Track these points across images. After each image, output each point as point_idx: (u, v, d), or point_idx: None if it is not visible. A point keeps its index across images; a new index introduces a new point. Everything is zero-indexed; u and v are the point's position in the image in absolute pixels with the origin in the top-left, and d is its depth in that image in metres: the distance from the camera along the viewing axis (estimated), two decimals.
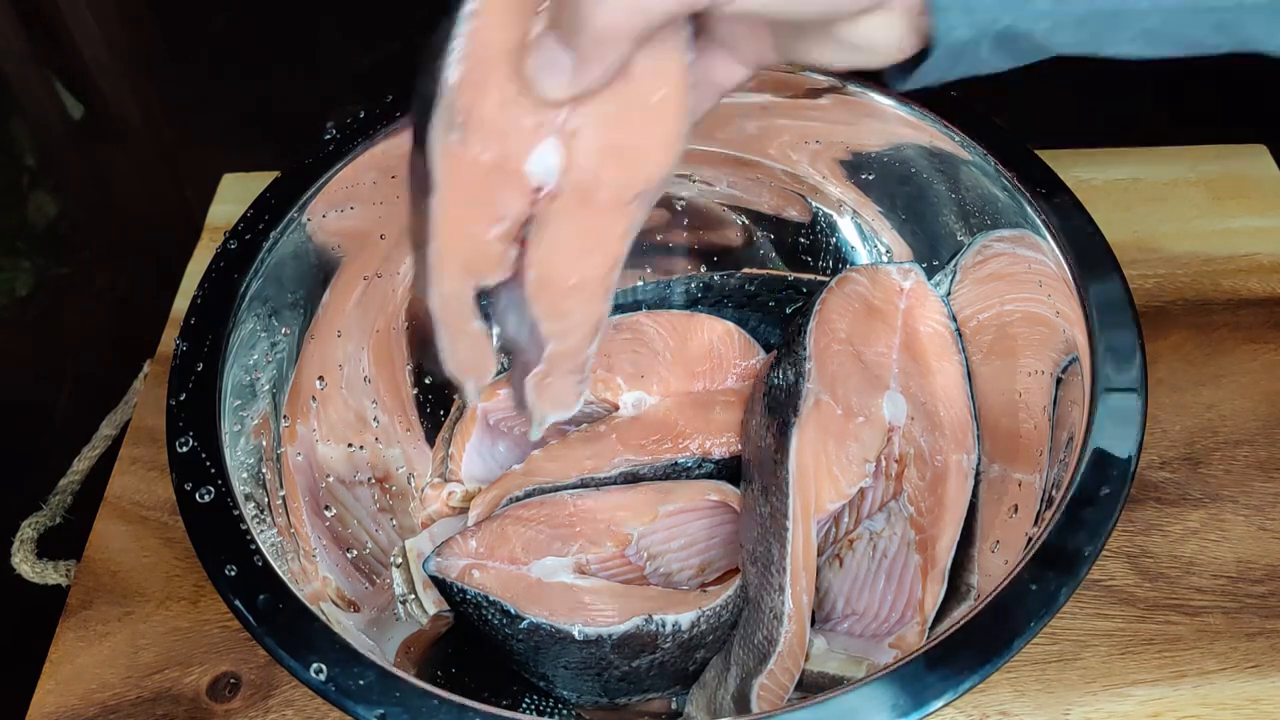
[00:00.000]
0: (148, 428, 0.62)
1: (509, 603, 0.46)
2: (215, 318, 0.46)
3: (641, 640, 0.45)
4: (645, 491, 0.51)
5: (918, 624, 0.47)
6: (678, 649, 0.46)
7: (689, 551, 0.51)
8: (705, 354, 0.57)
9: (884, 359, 0.52)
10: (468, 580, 0.47)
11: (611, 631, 0.45)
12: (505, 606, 0.46)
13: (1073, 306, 0.45)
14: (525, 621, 0.45)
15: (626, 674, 0.47)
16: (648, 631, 0.45)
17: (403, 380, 0.58)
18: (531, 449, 0.54)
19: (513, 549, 0.49)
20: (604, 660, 0.46)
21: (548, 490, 0.52)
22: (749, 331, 0.59)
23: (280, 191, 0.51)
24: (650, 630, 0.45)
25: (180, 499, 0.41)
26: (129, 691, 0.52)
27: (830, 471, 0.47)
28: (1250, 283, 0.65)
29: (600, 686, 0.48)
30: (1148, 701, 0.49)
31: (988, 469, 0.50)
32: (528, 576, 0.48)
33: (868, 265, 0.55)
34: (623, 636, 0.45)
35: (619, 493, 0.51)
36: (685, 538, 0.51)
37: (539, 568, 0.48)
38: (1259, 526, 0.55)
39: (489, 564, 0.48)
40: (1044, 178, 0.49)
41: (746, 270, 0.64)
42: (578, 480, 0.53)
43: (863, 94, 0.54)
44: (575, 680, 0.48)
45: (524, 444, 0.56)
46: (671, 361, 0.57)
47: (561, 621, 0.45)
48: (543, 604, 0.46)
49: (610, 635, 0.45)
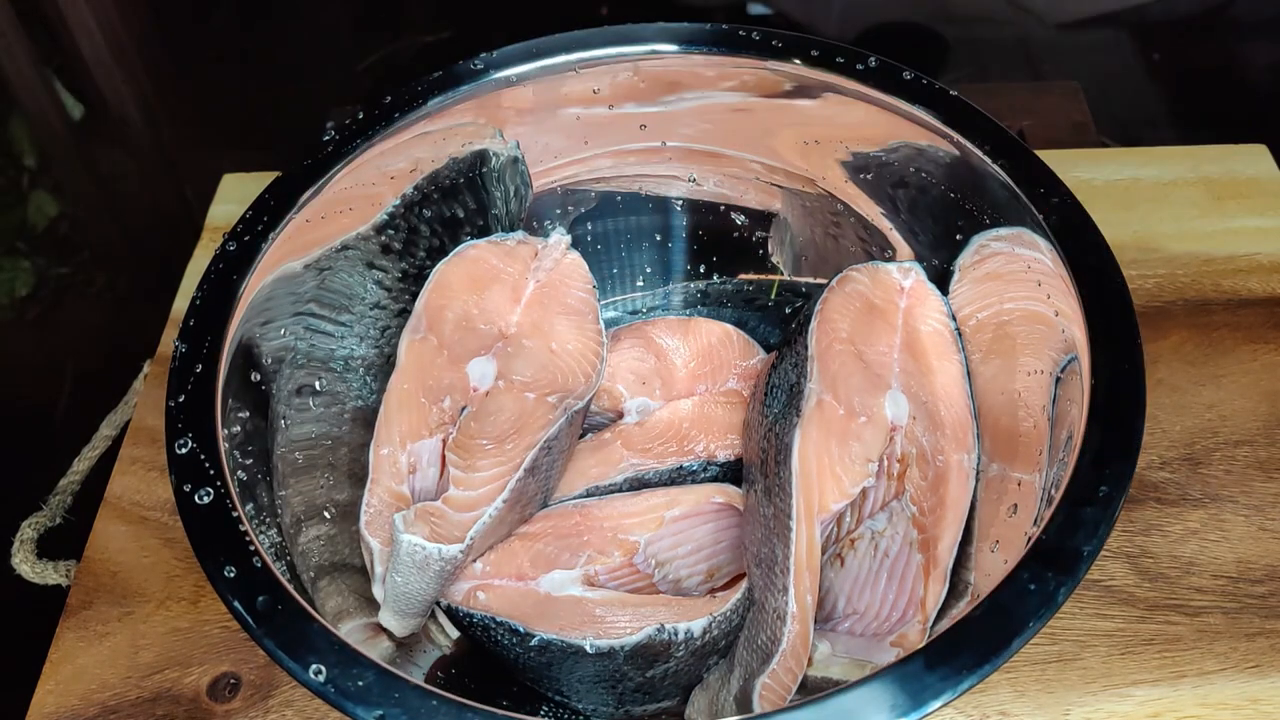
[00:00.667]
0: (148, 428, 0.62)
1: (517, 621, 0.46)
2: (214, 319, 0.46)
3: (654, 650, 0.45)
4: (650, 498, 0.51)
5: (919, 623, 0.47)
6: (691, 656, 0.46)
7: (697, 557, 0.51)
8: (706, 357, 0.57)
9: (885, 358, 0.52)
10: (473, 604, 0.47)
11: (624, 643, 0.45)
12: (514, 625, 0.46)
13: (1072, 306, 0.45)
14: (535, 639, 0.45)
15: (641, 685, 0.47)
16: (660, 641, 0.45)
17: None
18: None
19: (520, 564, 0.49)
20: (618, 672, 0.46)
21: (554, 501, 0.52)
22: (748, 333, 0.59)
23: (280, 192, 0.51)
24: (663, 639, 0.45)
25: (179, 500, 0.41)
26: (129, 692, 0.52)
27: (833, 471, 0.47)
28: (1250, 283, 0.65)
29: (615, 699, 0.48)
30: (1148, 702, 0.49)
31: (987, 468, 0.50)
32: (536, 592, 0.48)
33: (868, 264, 0.55)
34: (635, 647, 0.45)
35: (624, 500, 0.51)
36: (692, 543, 0.51)
37: (547, 582, 0.48)
38: (1259, 526, 0.55)
39: (495, 583, 0.48)
40: (1044, 178, 0.49)
41: (743, 275, 0.64)
42: (584, 490, 0.53)
43: (862, 93, 0.54)
44: (590, 693, 0.48)
45: None
46: (673, 366, 0.57)
47: (573, 636, 0.45)
48: (552, 620, 0.46)
49: (623, 647, 0.45)
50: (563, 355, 0.53)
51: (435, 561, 0.45)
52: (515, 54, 0.56)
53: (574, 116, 0.59)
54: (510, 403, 0.50)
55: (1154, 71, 0.96)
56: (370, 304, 0.55)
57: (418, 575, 0.46)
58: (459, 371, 0.52)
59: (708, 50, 0.56)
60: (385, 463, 0.50)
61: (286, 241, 0.50)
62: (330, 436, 0.52)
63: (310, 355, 0.52)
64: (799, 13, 1.07)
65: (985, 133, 0.50)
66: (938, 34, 1.04)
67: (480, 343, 0.53)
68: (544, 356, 0.53)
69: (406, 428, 0.50)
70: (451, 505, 0.47)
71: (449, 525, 0.46)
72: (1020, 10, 1.04)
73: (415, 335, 0.53)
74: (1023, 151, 0.50)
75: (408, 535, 0.45)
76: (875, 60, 0.53)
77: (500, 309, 0.54)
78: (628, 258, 0.65)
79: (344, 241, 0.53)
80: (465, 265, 0.55)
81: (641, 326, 0.59)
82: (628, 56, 0.56)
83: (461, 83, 0.55)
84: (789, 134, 0.58)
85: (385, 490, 0.49)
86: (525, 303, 0.55)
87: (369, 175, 0.53)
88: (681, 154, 0.61)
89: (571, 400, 0.51)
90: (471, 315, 0.54)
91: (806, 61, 0.54)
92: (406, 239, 0.56)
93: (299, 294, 0.51)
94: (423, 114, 0.54)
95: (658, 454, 0.54)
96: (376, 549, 0.48)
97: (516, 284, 0.55)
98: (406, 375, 0.52)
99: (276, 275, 0.50)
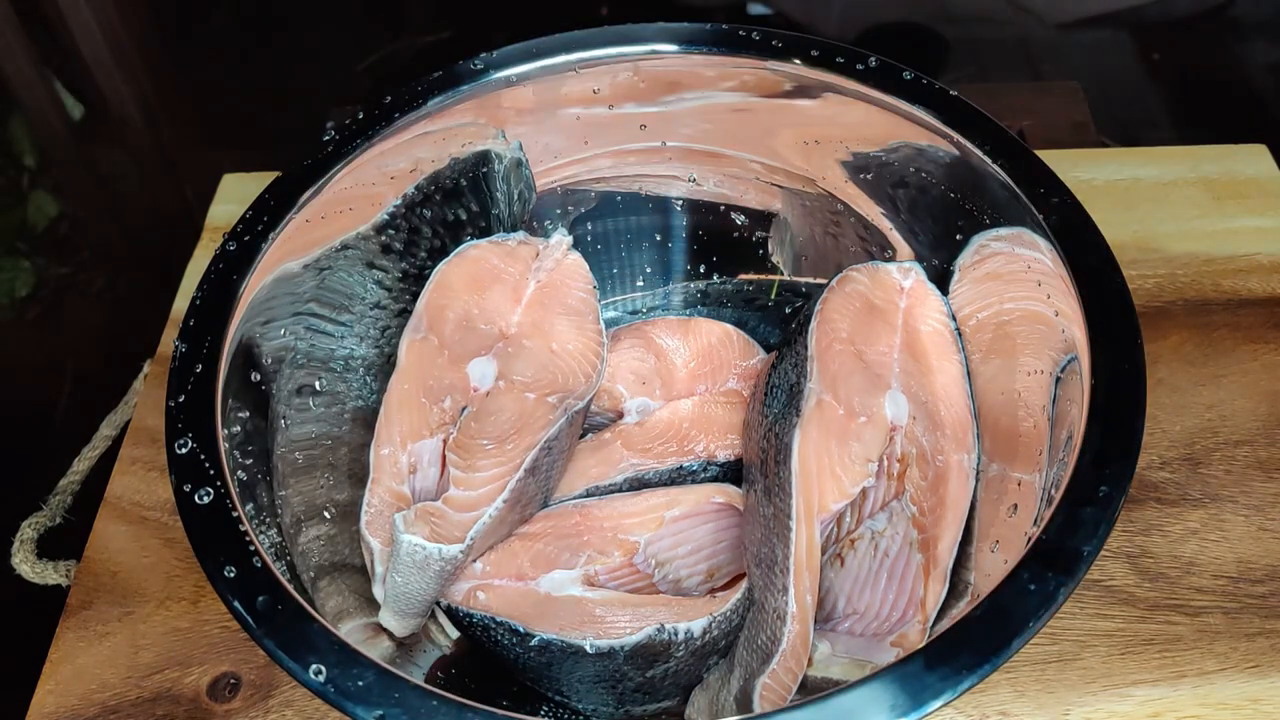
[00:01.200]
0: (148, 428, 0.62)
1: (517, 621, 0.46)
2: (214, 319, 0.46)
3: (654, 650, 0.45)
4: (650, 498, 0.51)
5: (919, 622, 0.47)
6: (691, 656, 0.46)
7: (697, 557, 0.51)
8: (706, 356, 0.57)
9: (885, 358, 0.52)
10: (473, 604, 0.47)
11: (624, 643, 0.45)
12: (514, 625, 0.45)
13: (1072, 306, 0.45)
14: (535, 639, 0.45)
15: (641, 685, 0.47)
16: (660, 641, 0.45)
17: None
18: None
19: (520, 564, 0.49)
20: (618, 672, 0.46)
21: (554, 501, 0.52)
22: (748, 333, 0.59)
23: (280, 192, 0.51)
24: (663, 639, 0.45)
25: (179, 500, 0.41)
26: (129, 692, 0.52)
27: (833, 471, 0.47)
28: (1250, 283, 0.65)
29: (615, 698, 0.48)
30: (1148, 702, 0.49)
31: (987, 468, 0.50)
32: (536, 592, 0.48)
33: (867, 264, 0.55)
34: (635, 647, 0.45)
35: (624, 500, 0.51)
36: (692, 543, 0.51)
37: (547, 582, 0.48)
38: (1259, 526, 0.55)
39: (494, 583, 0.48)
40: (1044, 178, 0.49)
41: (743, 275, 0.64)
42: (584, 490, 0.53)
43: (862, 93, 0.54)
44: (590, 693, 0.48)
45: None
46: (673, 366, 0.57)
47: (573, 636, 0.45)
48: (552, 620, 0.46)
49: (623, 647, 0.45)
50: (563, 355, 0.53)
51: (435, 561, 0.45)
52: (515, 54, 0.56)
53: (574, 116, 0.59)
54: (510, 403, 0.50)
55: (1154, 71, 0.96)
56: (370, 304, 0.55)
57: (418, 575, 0.46)
58: (459, 371, 0.52)
59: (708, 50, 0.56)
60: (386, 463, 0.50)
61: (286, 241, 0.50)
62: (330, 436, 0.52)
63: (310, 355, 0.52)
64: (799, 13, 1.07)
65: (985, 133, 0.50)
66: (938, 34, 1.04)
67: (481, 343, 0.53)
68: (544, 357, 0.53)
69: (407, 428, 0.50)
70: (452, 505, 0.47)
71: (449, 525, 0.46)
72: (1020, 10, 1.04)
73: (416, 335, 0.53)
74: (1023, 151, 0.50)
75: (408, 535, 0.45)
76: (875, 60, 0.53)
77: (501, 309, 0.54)
78: (628, 258, 0.65)
79: (344, 241, 0.53)
80: (466, 265, 0.55)
81: (641, 326, 0.59)
82: (628, 56, 0.56)
83: (461, 83, 0.55)
84: (789, 134, 0.58)
85: (386, 490, 0.49)
86: (526, 303, 0.55)
87: (369, 175, 0.53)
88: (681, 154, 0.61)
89: (572, 400, 0.51)
90: (472, 315, 0.54)
91: (806, 61, 0.54)
92: (407, 239, 0.56)
93: (299, 294, 0.51)
94: (423, 114, 0.54)
95: (658, 454, 0.54)
96: (377, 549, 0.48)
97: (517, 284, 0.55)
98: (407, 375, 0.52)
99: (276, 275, 0.50)
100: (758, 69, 0.55)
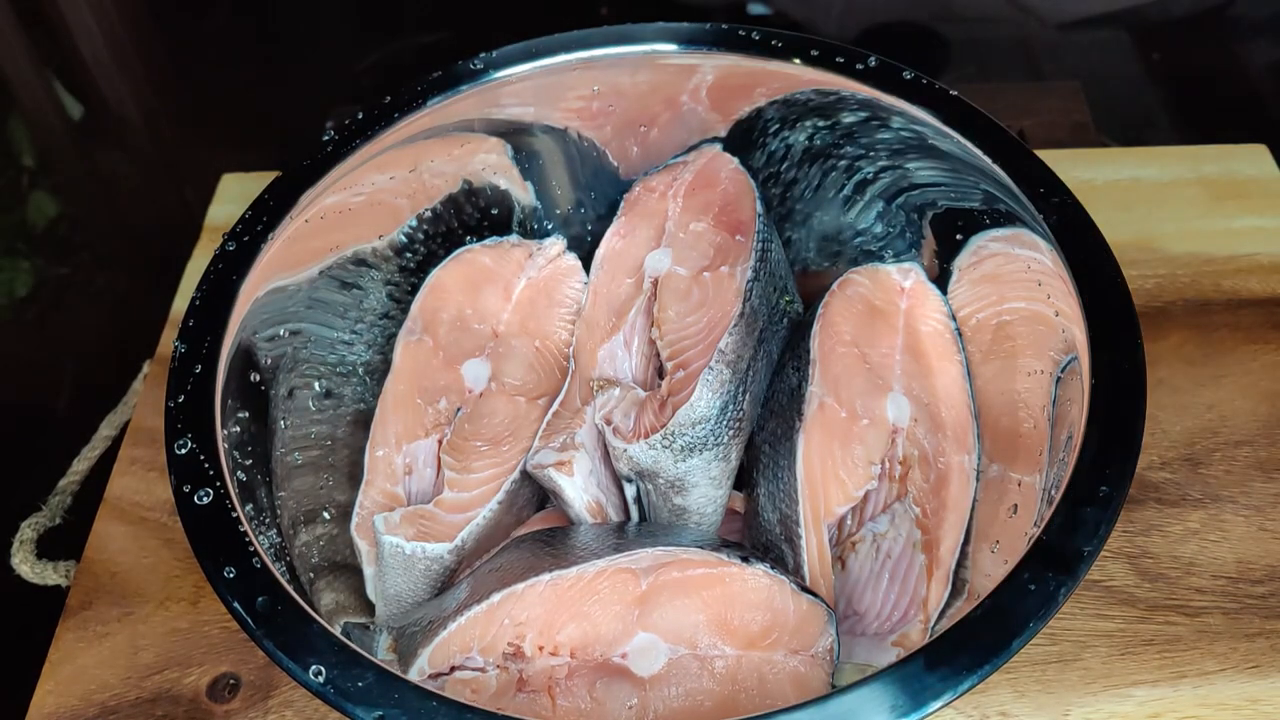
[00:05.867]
0: (147, 428, 0.62)
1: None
2: (214, 319, 0.46)
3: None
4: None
5: (920, 622, 0.47)
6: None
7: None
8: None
9: (887, 360, 0.52)
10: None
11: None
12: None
13: (1072, 306, 0.45)
14: None
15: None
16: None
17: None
18: None
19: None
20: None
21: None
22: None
23: (280, 192, 0.51)
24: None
25: (179, 501, 0.41)
26: (129, 692, 0.52)
27: (837, 475, 0.47)
28: (1250, 283, 0.65)
29: None
30: (1148, 702, 0.49)
31: (987, 469, 0.50)
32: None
33: (867, 266, 0.55)
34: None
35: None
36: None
37: None
38: (1259, 527, 0.55)
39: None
40: (1044, 178, 0.48)
41: None
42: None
43: (861, 92, 0.54)
44: None
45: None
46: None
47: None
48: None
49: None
50: (545, 352, 0.53)
51: (420, 560, 0.45)
52: (515, 54, 0.56)
53: (574, 116, 0.59)
54: (503, 405, 0.50)
55: (1154, 71, 0.96)
56: (369, 306, 0.55)
57: (404, 575, 0.46)
58: (454, 373, 0.52)
59: (708, 50, 0.55)
60: (380, 464, 0.50)
61: (286, 242, 0.50)
62: (330, 437, 0.52)
63: (310, 356, 0.52)
64: (799, 13, 1.07)
65: (985, 133, 0.50)
66: (938, 34, 1.03)
67: (474, 343, 0.53)
68: (530, 355, 0.53)
69: (402, 429, 0.50)
70: (444, 507, 0.47)
71: (440, 526, 0.46)
72: (1020, 10, 1.04)
73: (410, 337, 0.53)
74: (1023, 151, 0.50)
75: (387, 536, 0.45)
76: (875, 60, 0.53)
77: (492, 308, 0.54)
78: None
79: (344, 242, 0.53)
80: (460, 268, 0.55)
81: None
82: (628, 56, 0.56)
83: (461, 83, 0.55)
84: (789, 133, 0.58)
85: (379, 491, 0.49)
86: (515, 300, 0.55)
87: (369, 176, 0.53)
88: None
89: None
90: (465, 316, 0.54)
91: (806, 61, 0.54)
92: (407, 241, 0.56)
93: (299, 294, 0.51)
94: (423, 114, 0.54)
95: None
96: (364, 551, 0.48)
97: (509, 283, 0.55)
98: (402, 377, 0.52)
99: (276, 276, 0.50)
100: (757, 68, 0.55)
